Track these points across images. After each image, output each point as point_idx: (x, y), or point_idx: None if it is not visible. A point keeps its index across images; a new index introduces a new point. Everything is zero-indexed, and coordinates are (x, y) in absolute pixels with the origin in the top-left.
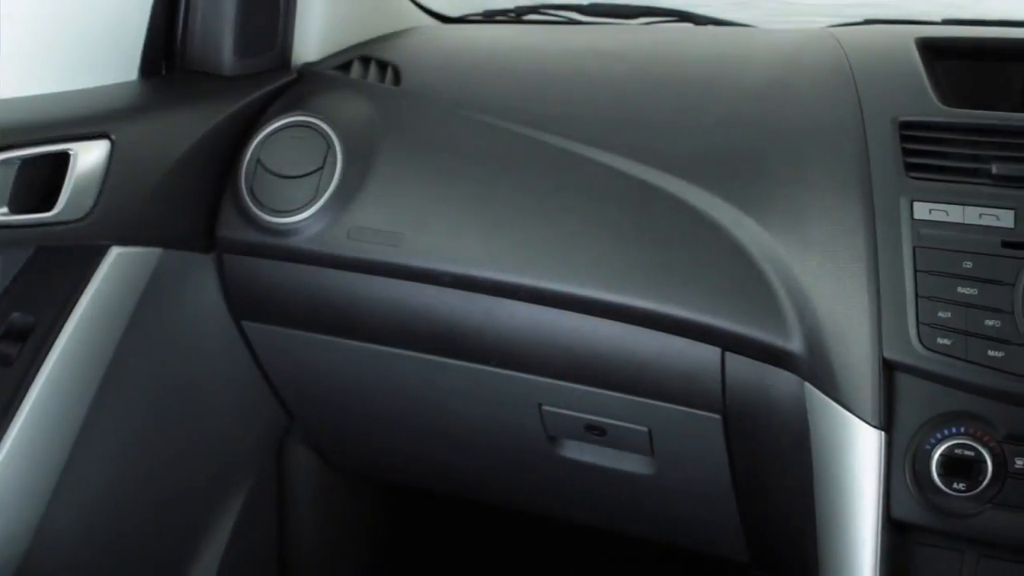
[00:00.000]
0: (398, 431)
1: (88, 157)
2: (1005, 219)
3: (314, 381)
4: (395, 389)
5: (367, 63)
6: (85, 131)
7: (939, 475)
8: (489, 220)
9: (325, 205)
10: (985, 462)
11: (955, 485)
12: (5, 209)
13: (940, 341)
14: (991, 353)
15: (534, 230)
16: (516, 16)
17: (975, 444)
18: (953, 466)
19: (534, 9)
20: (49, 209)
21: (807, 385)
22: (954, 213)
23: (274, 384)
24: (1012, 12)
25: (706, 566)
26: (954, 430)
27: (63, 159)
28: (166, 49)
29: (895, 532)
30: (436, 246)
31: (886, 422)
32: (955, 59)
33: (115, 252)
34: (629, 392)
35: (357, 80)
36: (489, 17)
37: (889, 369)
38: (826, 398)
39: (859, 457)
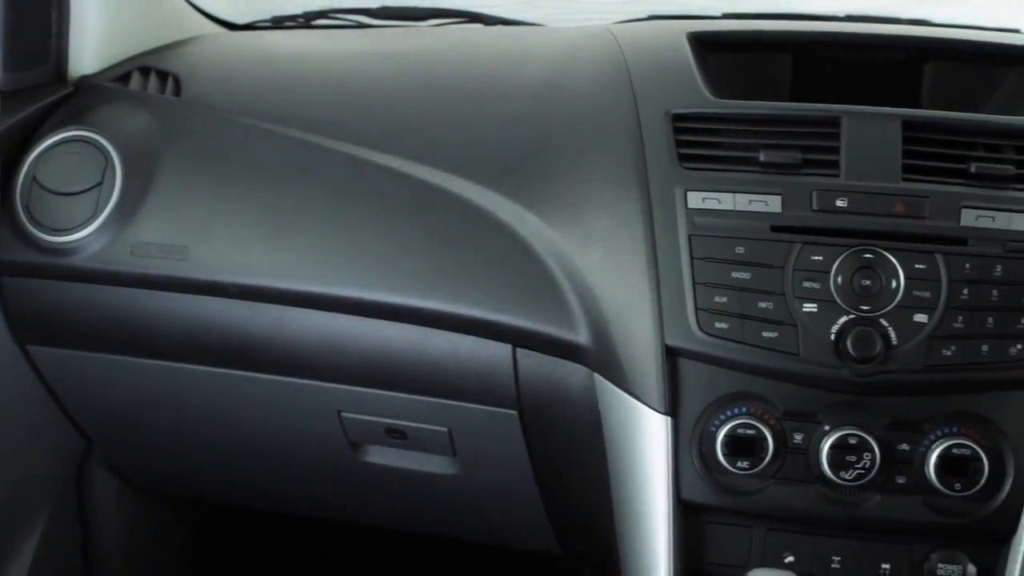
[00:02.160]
0: (199, 448)
1: None
2: (773, 204)
3: (109, 402)
4: (192, 405)
5: (147, 73)
6: None
7: (724, 455)
8: (274, 229)
9: (106, 221)
10: (766, 440)
11: (739, 464)
12: None
13: (718, 325)
14: (765, 334)
15: (319, 237)
16: (305, 21)
17: (756, 423)
18: (737, 445)
19: (323, 14)
20: None
21: (596, 376)
22: (726, 201)
23: (67, 408)
24: (793, 5)
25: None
26: (736, 411)
27: None
28: None
29: (686, 513)
30: (221, 258)
31: (671, 407)
32: (727, 52)
33: None
34: (426, 393)
35: (136, 91)
36: (277, 23)
37: (672, 355)
38: (615, 387)
39: (648, 443)
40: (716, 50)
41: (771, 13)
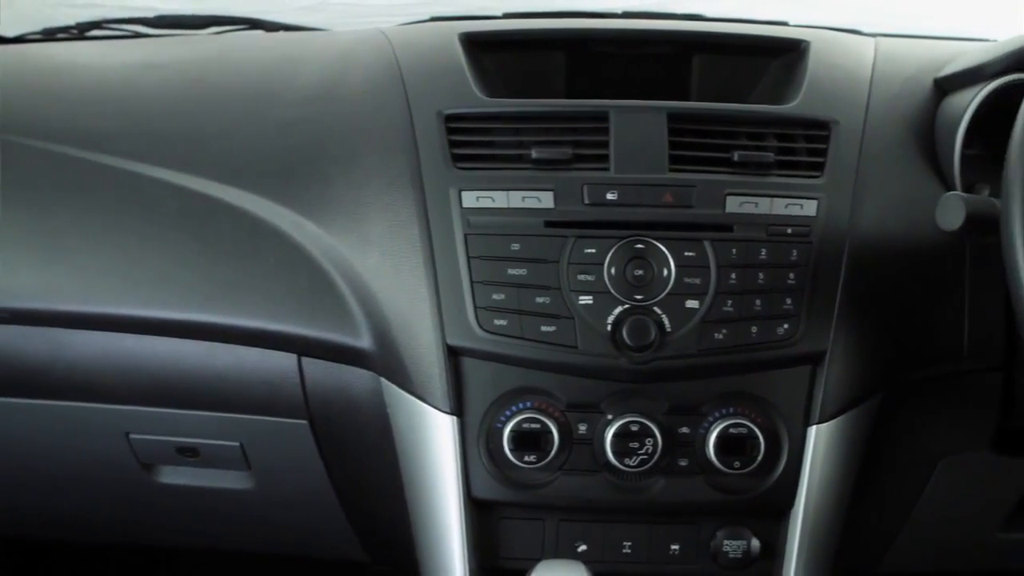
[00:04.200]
0: None
1: None
2: (546, 200)
3: None
4: None
5: None
6: None
7: (511, 451)
8: (44, 249)
9: None
10: (551, 433)
11: (527, 458)
12: None
13: (497, 322)
14: (544, 328)
15: (92, 255)
16: (79, 32)
17: (541, 417)
18: (523, 440)
19: (97, 24)
20: None
21: (383, 380)
22: (500, 199)
23: None
24: (574, 4)
25: None
26: (520, 406)
27: None
28: None
29: (479, 510)
30: None
31: (457, 407)
32: (501, 51)
33: None
34: (215, 409)
35: None
36: (49, 35)
37: (454, 355)
38: (400, 391)
39: (436, 444)
40: (490, 50)
41: (551, 12)
